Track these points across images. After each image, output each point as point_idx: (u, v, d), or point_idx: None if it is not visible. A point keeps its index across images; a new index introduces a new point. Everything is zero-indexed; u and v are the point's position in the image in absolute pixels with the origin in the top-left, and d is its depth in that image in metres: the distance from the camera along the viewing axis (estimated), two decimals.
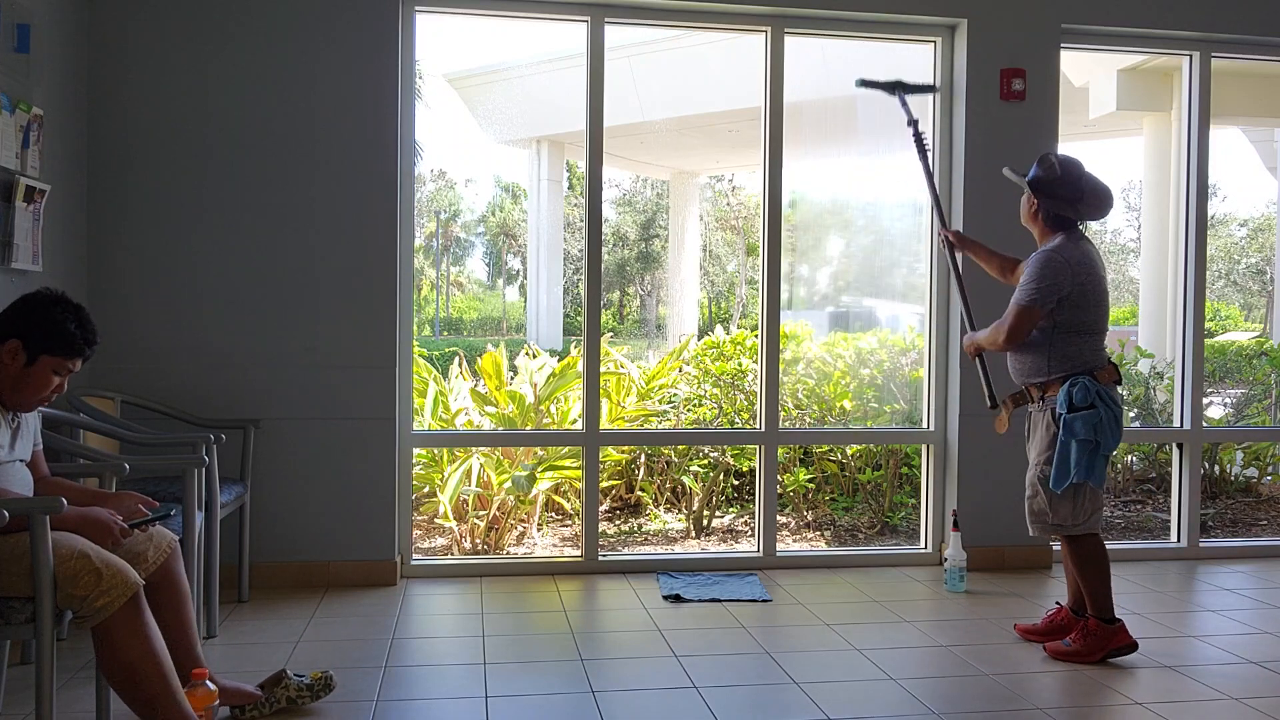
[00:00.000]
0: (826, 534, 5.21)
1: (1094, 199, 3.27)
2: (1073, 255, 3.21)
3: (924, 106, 4.61)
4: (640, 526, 5.32)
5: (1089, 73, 7.16)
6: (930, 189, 3.89)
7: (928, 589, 4.17)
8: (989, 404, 3.58)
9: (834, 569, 4.42)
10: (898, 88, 3.85)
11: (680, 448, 5.42)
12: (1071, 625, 3.39)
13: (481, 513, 5.00)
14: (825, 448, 5.49)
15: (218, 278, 3.99)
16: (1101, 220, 3.39)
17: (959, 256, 3.82)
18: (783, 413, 4.41)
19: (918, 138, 3.80)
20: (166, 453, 3.55)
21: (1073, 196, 3.26)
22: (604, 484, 5.18)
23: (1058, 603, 3.55)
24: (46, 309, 2.38)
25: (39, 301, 2.40)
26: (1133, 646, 3.22)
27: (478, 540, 4.96)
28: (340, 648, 3.30)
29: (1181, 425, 4.84)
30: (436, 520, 5.05)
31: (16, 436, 2.42)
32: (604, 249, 4.34)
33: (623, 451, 5.41)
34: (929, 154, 3.85)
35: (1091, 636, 3.22)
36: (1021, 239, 4.46)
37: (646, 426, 5.38)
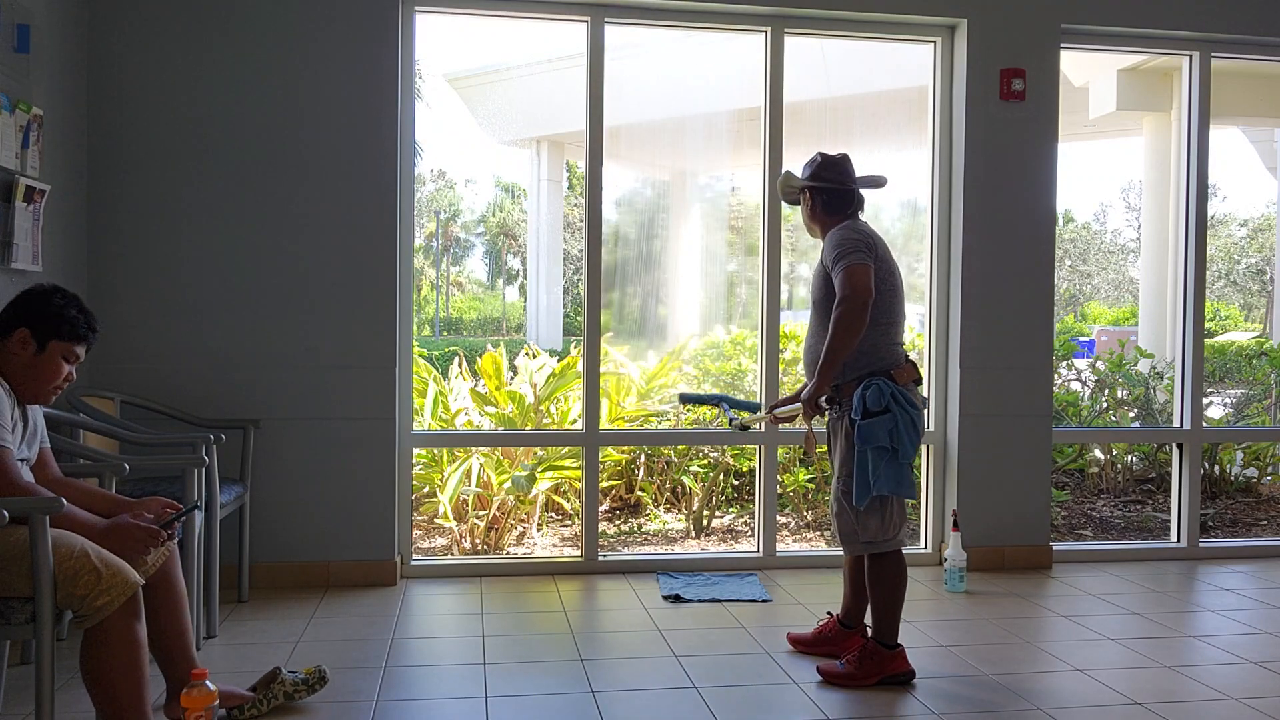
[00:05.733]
0: (826, 534, 5.21)
1: (865, 176, 3.18)
2: (864, 229, 3.07)
3: (923, 107, 4.61)
4: (640, 526, 5.32)
5: (1089, 73, 7.16)
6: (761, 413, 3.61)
7: (928, 589, 4.17)
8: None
9: (834, 569, 4.42)
10: (723, 400, 3.72)
11: (680, 448, 5.42)
12: (838, 638, 3.24)
13: (481, 513, 5.00)
14: (825, 448, 5.47)
15: (218, 277, 3.99)
16: (879, 187, 3.22)
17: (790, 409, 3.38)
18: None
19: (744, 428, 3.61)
20: (166, 453, 3.55)
21: (843, 178, 3.15)
22: (604, 484, 5.18)
23: (829, 612, 3.38)
24: (48, 298, 2.44)
25: (39, 292, 2.46)
26: (910, 674, 3.02)
27: (478, 540, 4.96)
28: (340, 648, 3.30)
29: (1181, 425, 4.84)
30: (436, 520, 5.05)
31: (23, 438, 2.43)
32: (604, 249, 4.34)
33: (623, 451, 5.41)
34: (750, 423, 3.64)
35: (869, 660, 3.01)
36: (1012, 241, 4.47)
37: (646, 426, 5.38)
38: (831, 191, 3.16)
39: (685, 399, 4.03)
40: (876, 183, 3.22)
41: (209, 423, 3.78)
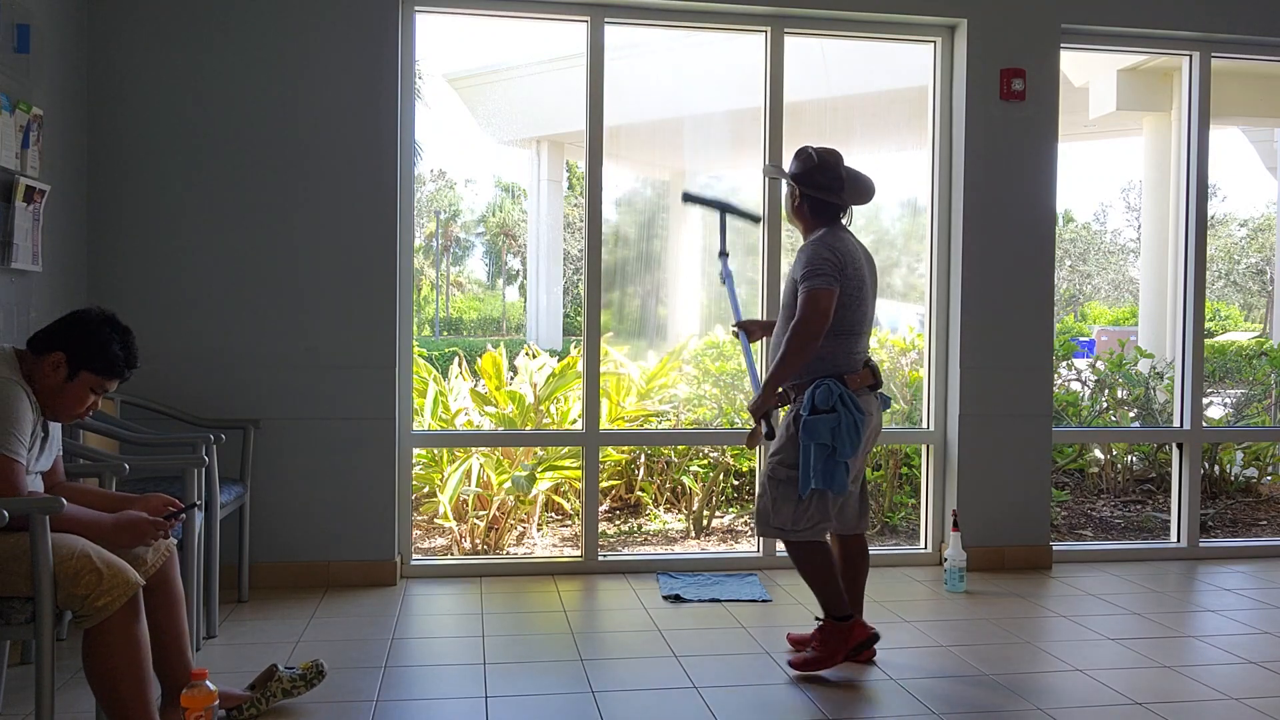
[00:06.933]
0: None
1: (854, 185, 3.18)
2: (837, 246, 3.08)
3: (923, 107, 4.61)
4: (640, 526, 5.32)
5: (1089, 73, 7.16)
6: (733, 305, 3.59)
7: (928, 589, 4.17)
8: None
9: None
10: (722, 207, 3.64)
11: (680, 448, 5.42)
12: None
13: (481, 513, 5.00)
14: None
15: (218, 277, 3.99)
16: (865, 203, 3.24)
17: (750, 345, 3.52)
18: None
19: (726, 270, 3.57)
20: (166, 453, 3.55)
21: (833, 185, 3.15)
22: (604, 484, 5.18)
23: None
24: (95, 327, 2.41)
25: (89, 319, 2.42)
26: (874, 637, 3.12)
27: (478, 540, 4.96)
28: (340, 648, 3.30)
29: (1181, 425, 4.84)
30: (436, 520, 5.05)
31: (42, 450, 2.43)
32: (604, 249, 4.34)
33: (623, 451, 5.41)
34: (734, 285, 3.58)
35: (830, 639, 3.10)
36: (1012, 241, 4.47)
37: (646, 426, 5.38)
38: (818, 197, 3.18)
39: (688, 197, 3.80)
40: (863, 198, 3.22)
41: (209, 423, 3.78)
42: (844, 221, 3.23)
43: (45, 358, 2.37)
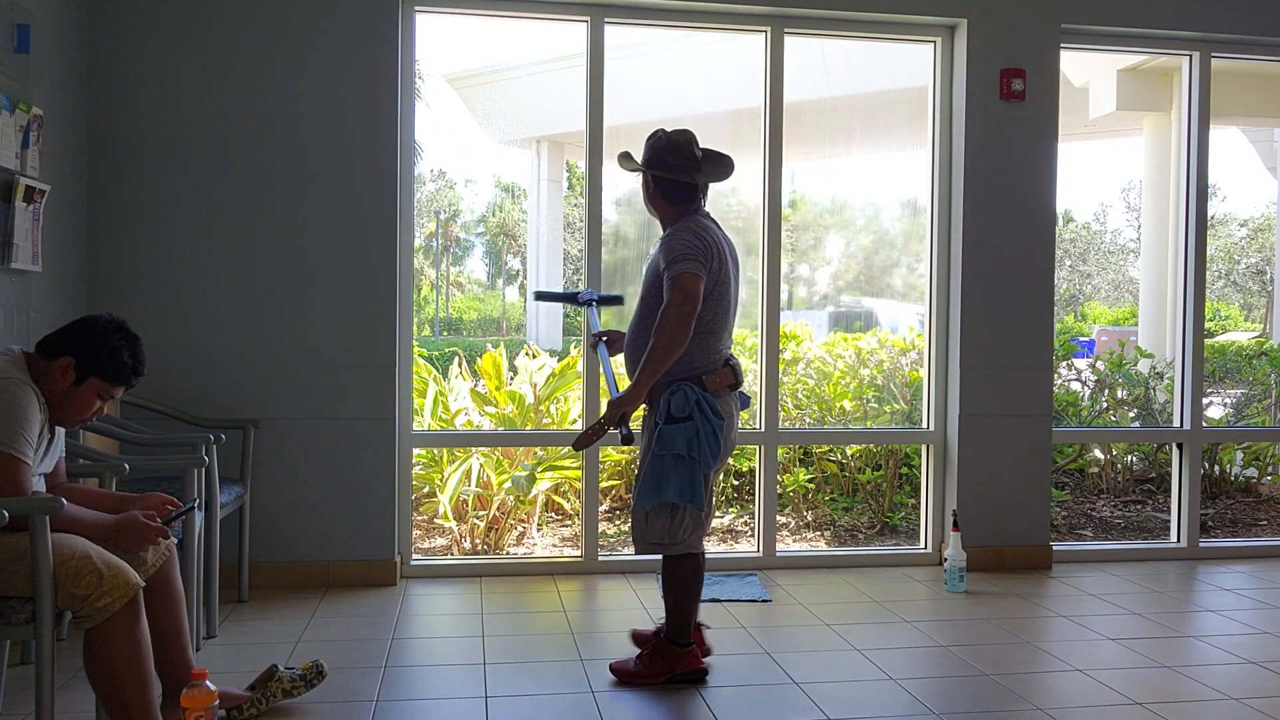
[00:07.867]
0: (826, 534, 5.21)
1: (711, 163, 3.06)
2: (703, 234, 2.92)
3: (923, 107, 4.61)
4: None
5: (1089, 73, 7.16)
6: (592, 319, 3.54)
7: (928, 589, 4.17)
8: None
9: (834, 569, 4.42)
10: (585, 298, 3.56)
11: None
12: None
13: (481, 513, 5.00)
14: (825, 448, 5.49)
15: (218, 277, 3.99)
16: (724, 180, 3.12)
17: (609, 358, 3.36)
18: (782, 413, 4.42)
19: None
20: (166, 453, 3.55)
21: (686, 165, 3.01)
22: (604, 484, 5.18)
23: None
24: (105, 334, 2.42)
25: (99, 326, 2.43)
26: (703, 673, 3.02)
27: (478, 540, 4.96)
28: (340, 648, 3.30)
29: (1181, 425, 4.84)
30: (436, 520, 5.05)
31: (47, 452, 2.43)
32: (604, 249, 4.34)
33: (622, 451, 5.41)
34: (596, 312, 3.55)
35: (659, 658, 3.01)
36: (1012, 241, 4.47)
37: None
38: (673, 180, 3.05)
39: (540, 295, 3.66)
40: (722, 174, 3.11)
41: (209, 423, 3.78)
42: (704, 205, 3.08)
43: (54, 362, 2.37)
